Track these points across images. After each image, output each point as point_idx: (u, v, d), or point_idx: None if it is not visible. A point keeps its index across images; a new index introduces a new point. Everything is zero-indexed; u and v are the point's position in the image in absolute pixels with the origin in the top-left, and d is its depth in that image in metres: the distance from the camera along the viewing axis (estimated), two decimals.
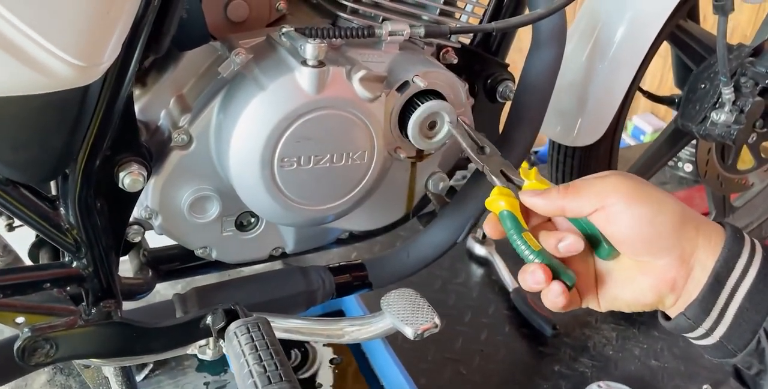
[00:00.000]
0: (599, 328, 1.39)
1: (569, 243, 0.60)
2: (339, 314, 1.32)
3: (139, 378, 1.22)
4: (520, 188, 0.65)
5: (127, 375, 0.89)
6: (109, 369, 0.89)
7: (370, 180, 0.81)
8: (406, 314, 0.82)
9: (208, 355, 0.82)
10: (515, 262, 1.59)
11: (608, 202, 0.58)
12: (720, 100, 1.14)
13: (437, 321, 0.81)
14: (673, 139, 1.32)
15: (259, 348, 0.71)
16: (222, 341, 0.77)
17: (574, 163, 1.23)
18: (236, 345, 0.72)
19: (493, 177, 0.67)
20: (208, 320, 0.78)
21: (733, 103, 1.13)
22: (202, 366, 1.25)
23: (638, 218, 0.57)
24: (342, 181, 0.80)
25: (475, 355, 1.31)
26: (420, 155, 0.86)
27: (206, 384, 1.21)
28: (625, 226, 0.58)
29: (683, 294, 0.59)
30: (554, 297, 0.59)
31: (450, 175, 0.97)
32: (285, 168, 0.75)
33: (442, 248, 0.99)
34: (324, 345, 1.25)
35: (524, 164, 0.67)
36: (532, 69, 0.93)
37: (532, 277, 0.59)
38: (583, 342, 1.35)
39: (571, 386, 1.23)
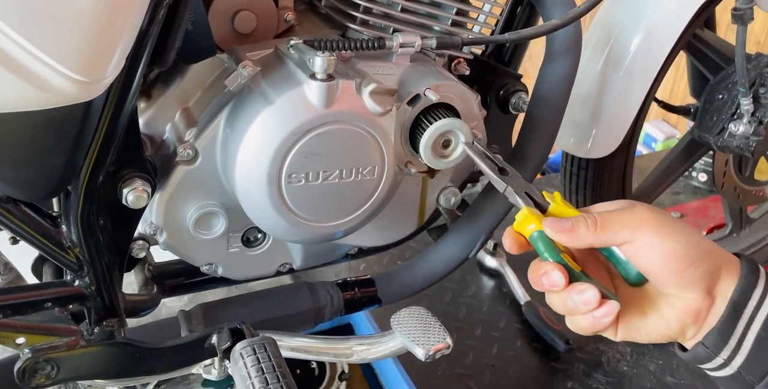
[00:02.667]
0: (613, 343, 1.36)
1: (551, 280, 0.58)
2: (347, 328, 1.30)
3: None
4: (545, 210, 0.62)
5: None
6: (113, 388, 0.87)
7: (380, 196, 0.79)
8: (417, 333, 0.80)
9: (214, 375, 0.80)
10: (527, 274, 1.57)
11: (638, 235, 0.57)
12: (738, 111, 1.11)
13: (449, 341, 0.79)
14: (689, 150, 1.29)
15: (265, 371, 0.69)
16: (227, 361, 0.75)
17: (588, 175, 1.21)
18: (242, 366, 0.70)
19: (518, 198, 0.64)
20: (213, 340, 0.76)
21: (752, 114, 1.10)
22: (208, 380, 1.23)
23: (670, 252, 0.57)
24: (351, 197, 0.78)
25: (485, 370, 1.28)
26: (431, 170, 0.84)
27: None
28: (656, 260, 0.57)
29: (704, 325, 0.59)
30: (605, 317, 0.57)
31: (461, 188, 0.95)
32: (293, 184, 0.73)
33: (453, 263, 0.97)
34: None
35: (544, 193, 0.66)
36: (546, 80, 0.91)
37: (581, 296, 0.57)
38: (597, 357, 1.32)
39: None
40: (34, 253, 0.86)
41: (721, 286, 0.58)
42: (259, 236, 0.86)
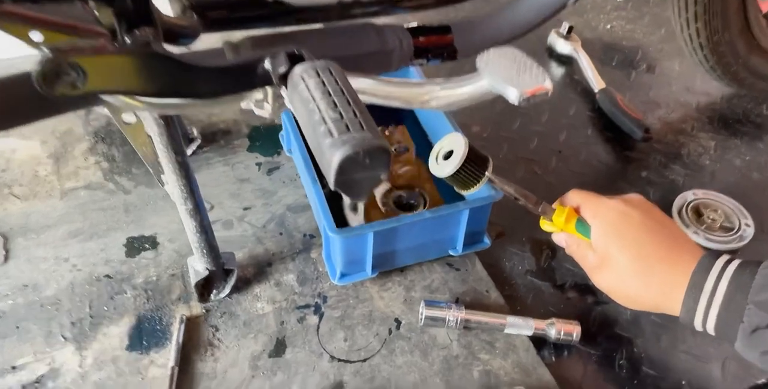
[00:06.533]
0: (696, 136, 1.23)
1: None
2: None
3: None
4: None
5: (171, 134, 0.77)
6: (153, 128, 0.77)
7: None
8: (509, 74, 0.66)
9: (266, 110, 0.68)
10: (602, 62, 1.40)
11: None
12: None
13: (548, 84, 0.65)
14: None
15: (332, 93, 0.57)
16: (284, 89, 0.62)
17: None
18: (303, 89, 0.58)
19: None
20: (267, 64, 0.63)
21: None
22: (254, 146, 1.14)
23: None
24: None
25: (551, 156, 1.17)
26: None
27: (258, 164, 1.11)
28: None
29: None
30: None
31: None
32: None
33: (549, 9, 0.81)
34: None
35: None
36: None
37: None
38: (677, 149, 1.20)
39: (660, 194, 1.10)
40: None
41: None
42: None
